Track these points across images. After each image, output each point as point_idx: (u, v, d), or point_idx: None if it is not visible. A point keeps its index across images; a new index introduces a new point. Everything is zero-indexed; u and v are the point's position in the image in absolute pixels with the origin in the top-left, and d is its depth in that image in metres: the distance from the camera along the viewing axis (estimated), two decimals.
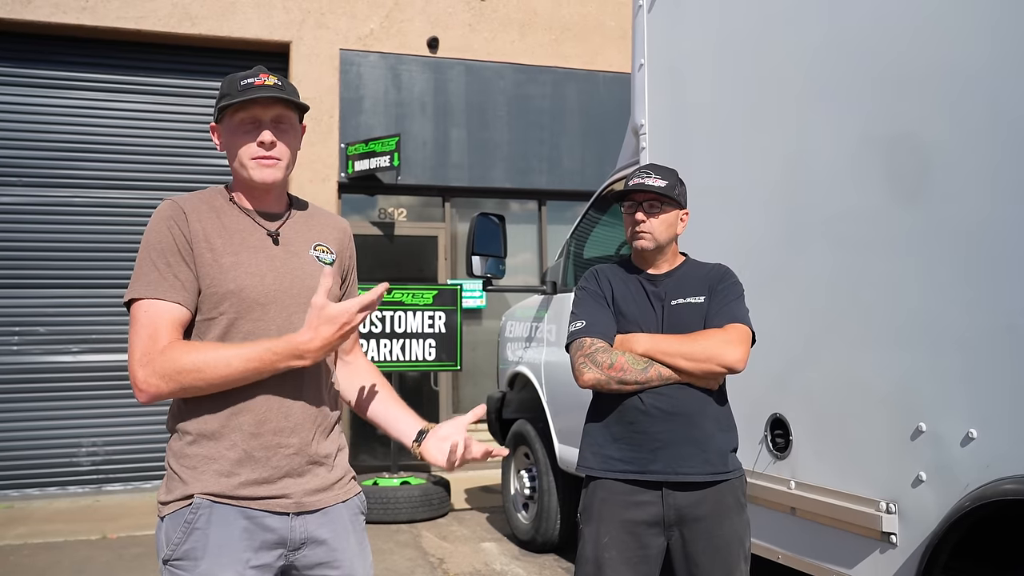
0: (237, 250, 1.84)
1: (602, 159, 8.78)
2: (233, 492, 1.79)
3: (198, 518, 1.77)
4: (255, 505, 1.80)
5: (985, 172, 2.40)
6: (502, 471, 6.12)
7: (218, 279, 1.80)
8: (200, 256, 1.81)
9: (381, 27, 8.57)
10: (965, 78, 2.47)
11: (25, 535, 6.15)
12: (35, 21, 7.58)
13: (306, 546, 1.85)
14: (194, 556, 1.76)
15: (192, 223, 1.83)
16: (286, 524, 1.82)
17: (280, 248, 1.89)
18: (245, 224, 1.89)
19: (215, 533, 1.77)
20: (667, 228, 2.50)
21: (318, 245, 1.96)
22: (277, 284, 1.85)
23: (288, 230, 1.94)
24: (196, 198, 1.91)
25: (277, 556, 1.82)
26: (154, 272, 1.79)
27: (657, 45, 4.03)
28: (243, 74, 1.88)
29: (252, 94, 1.81)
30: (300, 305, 1.83)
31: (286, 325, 1.83)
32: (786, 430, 3.14)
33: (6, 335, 7.61)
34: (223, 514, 1.78)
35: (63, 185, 7.84)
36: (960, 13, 2.51)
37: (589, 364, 2.40)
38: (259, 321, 1.82)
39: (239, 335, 1.80)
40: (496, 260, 5.31)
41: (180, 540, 1.77)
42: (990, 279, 2.37)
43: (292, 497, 1.83)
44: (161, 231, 1.82)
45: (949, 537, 2.42)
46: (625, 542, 2.38)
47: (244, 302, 1.81)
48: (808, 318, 3.06)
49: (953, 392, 2.47)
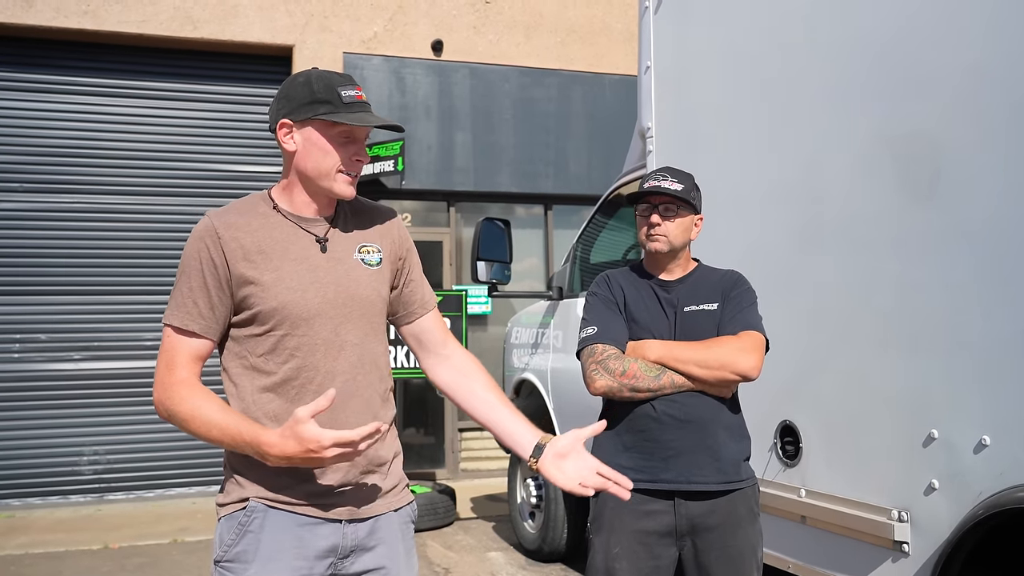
0: (279, 264, 1.82)
1: (608, 163, 8.78)
2: (287, 498, 1.81)
3: (251, 521, 1.81)
4: (309, 512, 1.82)
5: (1000, 174, 2.40)
6: (508, 479, 6.12)
7: (260, 297, 1.80)
8: (238, 276, 1.80)
9: (385, 30, 8.60)
10: (979, 78, 2.47)
11: (26, 544, 6.17)
12: (36, 25, 7.62)
13: (354, 553, 1.87)
14: (245, 559, 1.80)
15: (227, 242, 1.81)
16: (338, 531, 1.84)
17: (325, 256, 1.87)
18: (289, 232, 1.86)
19: (267, 538, 1.80)
20: (682, 232, 2.50)
21: (363, 247, 1.93)
22: (320, 297, 1.83)
23: (336, 233, 1.91)
24: (237, 210, 1.89)
25: (327, 565, 1.85)
26: (180, 297, 1.83)
27: (664, 47, 4.04)
28: (340, 81, 1.85)
29: (362, 112, 1.82)
30: (346, 316, 1.86)
31: (332, 337, 1.84)
32: (796, 437, 3.14)
33: (7, 342, 7.63)
34: (276, 519, 1.81)
35: (63, 191, 7.87)
36: (973, 13, 2.52)
37: (601, 371, 2.40)
38: (305, 336, 1.82)
39: (287, 350, 1.81)
40: (501, 265, 5.32)
41: (233, 542, 1.81)
42: (1004, 283, 2.37)
43: (345, 504, 1.85)
44: (192, 253, 1.83)
45: (962, 546, 2.42)
46: (636, 552, 2.39)
47: (288, 318, 1.81)
48: (818, 323, 3.06)
49: (966, 398, 2.47)
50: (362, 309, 1.89)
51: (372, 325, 1.92)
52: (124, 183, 8.01)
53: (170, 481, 7.94)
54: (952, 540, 2.44)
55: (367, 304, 1.90)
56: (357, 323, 1.88)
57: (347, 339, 1.85)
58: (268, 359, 1.82)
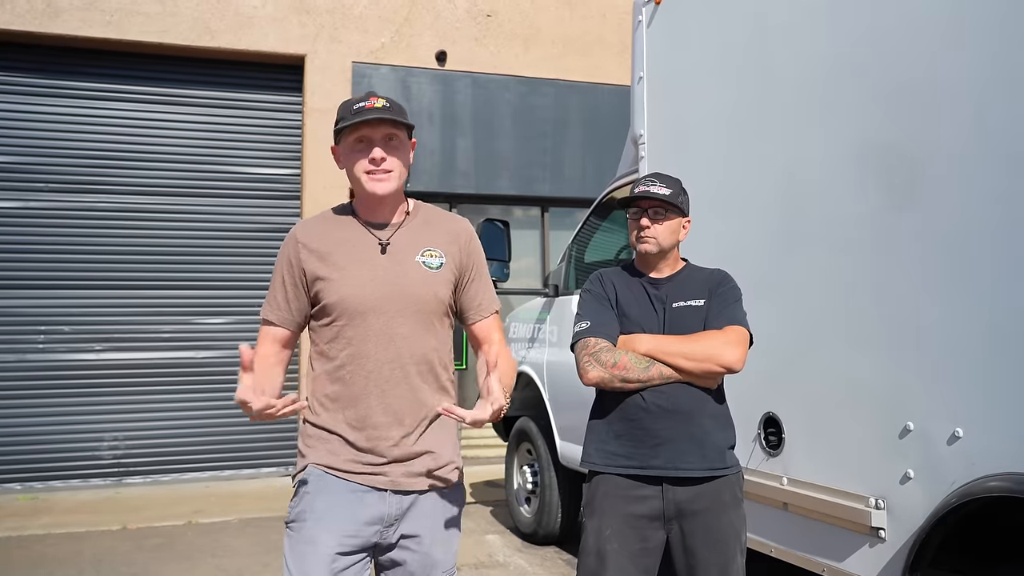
0: (345, 263, 1.98)
1: (602, 168, 8.77)
2: (340, 466, 1.95)
3: (309, 484, 1.96)
4: (359, 480, 1.95)
5: (971, 180, 2.40)
6: (505, 466, 6.12)
7: (326, 291, 1.97)
8: (311, 274, 1.99)
9: (392, 41, 8.58)
10: (955, 89, 2.47)
11: (49, 525, 6.15)
12: (62, 35, 7.59)
13: (397, 522, 1.97)
14: (303, 518, 1.94)
15: (303, 247, 2.01)
16: (384, 500, 1.95)
17: (386, 257, 2.00)
18: (359, 235, 2.02)
19: (321, 500, 1.93)
20: (670, 234, 2.50)
21: (426, 251, 2.04)
22: (378, 293, 1.96)
23: (400, 238, 2.04)
24: (321, 217, 2.10)
25: (374, 532, 1.95)
26: (269, 293, 2.08)
27: (656, 59, 4.03)
28: (356, 99, 2.00)
29: (362, 116, 1.93)
30: (400, 311, 1.98)
31: (385, 330, 1.97)
32: (779, 428, 3.13)
33: (33, 334, 7.62)
34: (329, 484, 1.95)
35: (88, 191, 7.84)
36: (949, 28, 2.51)
37: (593, 363, 2.39)
38: (359, 327, 1.96)
39: (344, 339, 1.97)
40: (501, 264, 5.30)
41: (295, 504, 1.97)
42: (976, 282, 2.37)
43: (391, 476, 1.96)
44: (279, 256, 2.07)
45: (936, 532, 2.42)
46: (626, 535, 2.37)
47: (347, 311, 1.96)
48: (801, 320, 3.05)
49: (940, 392, 2.46)
50: (416, 306, 2.00)
51: (426, 321, 2.02)
52: (145, 183, 7.99)
53: (185, 466, 7.92)
54: (926, 527, 2.43)
55: (421, 302, 2.00)
56: (410, 318, 1.99)
57: (398, 331, 1.97)
58: (331, 346, 1.98)
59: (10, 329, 7.55)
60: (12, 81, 7.72)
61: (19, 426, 7.50)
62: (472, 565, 5.08)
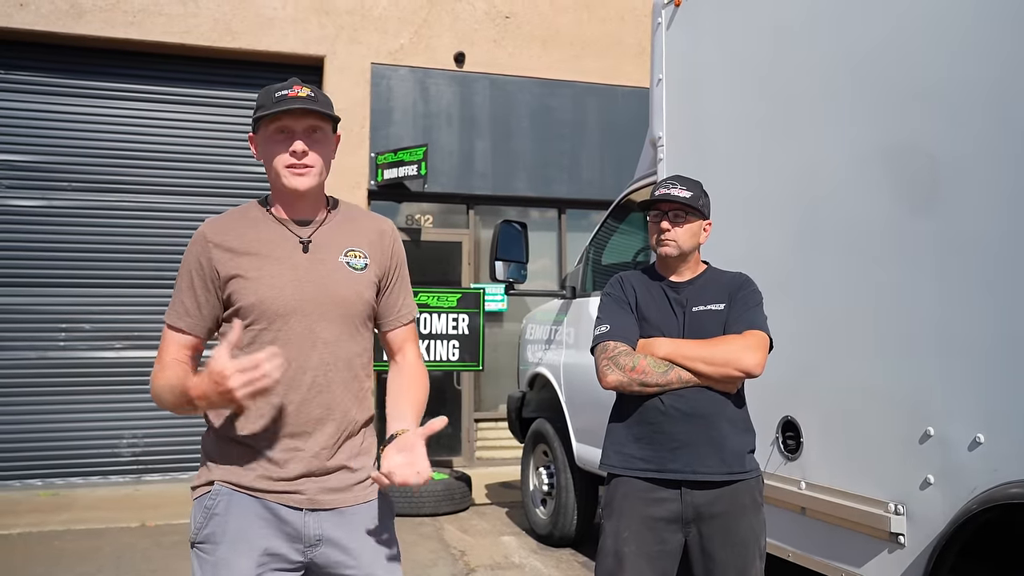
0: (262, 264, 1.82)
1: (620, 170, 8.75)
2: (250, 484, 1.80)
3: (217, 504, 1.80)
4: (270, 498, 1.79)
5: (992, 183, 2.38)
6: (521, 468, 6.12)
7: (242, 293, 1.81)
8: (225, 274, 1.82)
9: (411, 42, 8.61)
10: (975, 92, 2.45)
11: (69, 521, 6.22)
12: (86, 35, 7.68)
13: (322, 543, 1.82)
14: (214, 540, 1.79)
15: (214, 246, 1.84)
16: (300, 519, 1.80)
17: (307, 256, 1.85)
18: (277, 234, 1.87)
19: (233, 521, 1.78)
20: (691, 237, 2.50)
21: (350, 251, 1.90)
22: (298, 295, 1.81)
23: (321, 236, 1.89)
24: (230, 216, 1.92)
25: (296, 551, 1.81)
26: (174, 297, 1.88)
27: (675, 61, 4.02)
28: (278, 86, 1.86)
29: (285, 105, 1.79)
30: (323, 314, 1.83)
31: (307, 334, 1.81)
32: (797, 432, 3.12)
33: (53, 331, 7.70)
34: (240, 502, 1.79)
35: (110, 190, 7.92)
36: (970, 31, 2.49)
37: (612, 366, 2.40)
38: (280, 331, 1.80)
39: (263, 344, 1.78)
40: (518, 265, 5.31)
41: (202, 524, 1.81)
42: (998, 287, 2.35)
43: (306, 494, 1.81)
44: (186, 257, 1.88)
45: (956, 538, 2.40)
46: (644, 537, 2.38)
47: (266, 314, 1.80)
48: (820, 324, 3.04)
49: (961, 397, 2.45)
50: (341, 309, 1.85)
51: (351, 325, 1.88)
52: (167, 183, 8.06)
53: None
54: (946, 533, 2.42)
55: (347, 304, 1.86)
56: (334, 322, 1.85)
57: (320, 336, 1.82)
58: (248, 351, 1.75)
59: (32, 326, 7.63)
60: (36, 81, 7.81)
61: (40, 423, 7.58)
62: (488, 566, 5.09)
